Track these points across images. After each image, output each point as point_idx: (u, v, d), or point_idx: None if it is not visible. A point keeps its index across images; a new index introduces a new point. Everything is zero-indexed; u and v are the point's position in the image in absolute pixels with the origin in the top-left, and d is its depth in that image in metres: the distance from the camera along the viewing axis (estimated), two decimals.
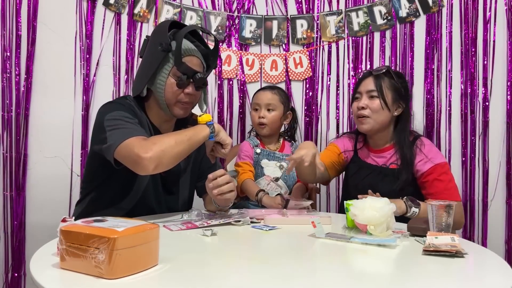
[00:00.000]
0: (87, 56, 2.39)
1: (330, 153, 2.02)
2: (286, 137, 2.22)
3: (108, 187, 1.68)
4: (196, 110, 1.82)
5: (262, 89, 2.19)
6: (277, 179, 2.04)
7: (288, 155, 2.09)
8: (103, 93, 2.38)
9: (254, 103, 2.16)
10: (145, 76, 1.68)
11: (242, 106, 2.51)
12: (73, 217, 1.21)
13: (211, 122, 1.62)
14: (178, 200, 1.82)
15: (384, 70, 1.91)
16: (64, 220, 1.20)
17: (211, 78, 2.48)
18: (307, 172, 1.83)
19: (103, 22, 2.41)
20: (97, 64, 2.41)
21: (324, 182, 2.20)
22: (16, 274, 2.35)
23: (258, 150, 2.11)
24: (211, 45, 1.77)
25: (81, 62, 2.39)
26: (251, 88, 2.49)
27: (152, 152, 1.47)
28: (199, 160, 1.87)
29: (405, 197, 1.68)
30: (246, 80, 2.50)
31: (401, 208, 1.65)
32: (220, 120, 2.49)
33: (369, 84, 1.90)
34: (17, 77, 2.34)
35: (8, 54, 2.32)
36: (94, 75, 2.41)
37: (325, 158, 1.99)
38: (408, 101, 1.96)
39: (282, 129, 2.24)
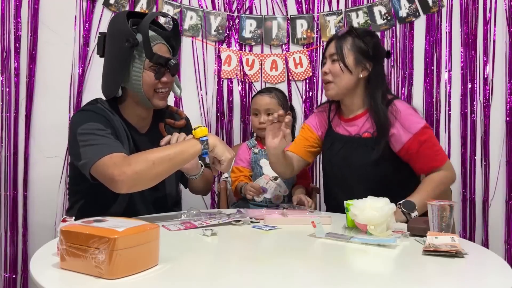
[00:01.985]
0: (87, 56, 2.40)
1: (300, 139, 1.98)
2: None
3: (95, 193, 1.63)
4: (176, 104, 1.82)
5: (259, 93, 2.18)
6: (276, 178, 2.04)
7: None
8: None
9: (253, 108, 2.15)
10: (117, 75, 1.65)
11: (242, 106, 2.51)
12: (73, 217, 1.21)
13: (205, 137, 1.54)
14: (166, 196, 1.80)
15: (346, 31, 1.83)
16: (64, 220, 1.20)
17: (211, 78, 2.49)
18: (279, 171, 1.87)
19: (102, 22, 2.41)
20: (97, 64, 2.41)
21: (306, 167, 2.14)
22: (14, 275, 2.35)
23: (256, 150, 2.12)
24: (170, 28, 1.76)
25: (80, 62, 2.39)
26: (251, 88, 2.49)
27: (126, 176, 1.44)
28: None
29: (399, 204, 1.62)
30: (246, 80, 2.50)
31: (400, 218, 1.60)
32: (220, 120, 2.49)
33: (331, 47, 1.83)
34: (17, 77, 2.34)
35: (8, 54, 2.32)
36: (95, 75, 2.41)
37: (296, 147, 1.95)
38: (379, 61, 1.84)
39: None
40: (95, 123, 1.57)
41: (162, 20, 2.26)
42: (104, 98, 1.72)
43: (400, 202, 1.65)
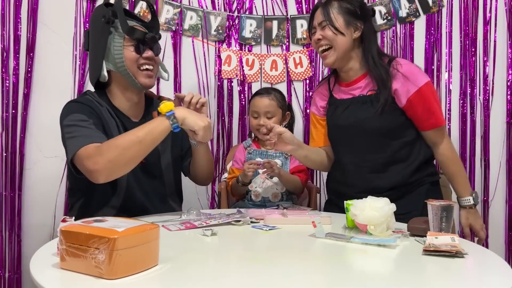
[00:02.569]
0: (87, 55, 2.39)
1: (315, 130, 1.98)
2: None
3: (93, 189, 1.65)
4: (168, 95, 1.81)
5: (258, 94, 2.16)
6: (271, 176, 2.04)
7: (282, 152, 2.10)
8: None
9: (253, 111, 2.14)
10: (99, 54, 1.67)
11: (242, 106, 2.51)
12: (73, 217, 1.21)
13: (172, 111, 1.52)
14: (164, 184, 1.80)
15: None
16: (64, 220, 1.20)
17: (211, 78, 2.49)
18: (321, 169, 1.89)
19: None
20: None
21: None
22: (11, 274, 2.35)
23: (251, 150, 2.13)
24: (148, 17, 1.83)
25: (80, 61, 2.39)
26: (251, 88, 2.49)
27: (99, 165, 1.46)
28: (179, 139, 1.85)
29: (472, 203, 1.78)
30: (246, 80, 2.50)
31: (478, 217, 1.80)
32: (221, 121, 2.49)
33: (318, 15, 1.82)
34: (16, 76, 2.33)
35: (7, 53, 2.32)
36: None
37: (316, 140, 1.97)
38: (368, 18, 1.84)
39: None
40: (78, 114, 1.60)
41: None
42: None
43: (472, 202, 1.79)
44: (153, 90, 2.35)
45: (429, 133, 1.80)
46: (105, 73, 1.68)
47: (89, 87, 2.39)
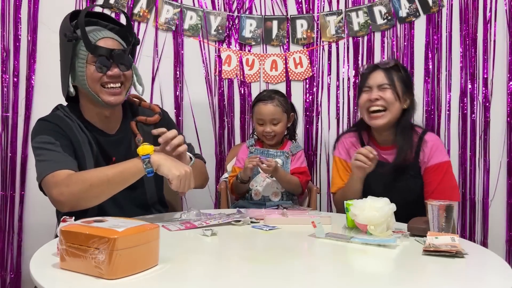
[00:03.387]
0: None
1: (341, 173, 1.98)
2: (287, 135, 2.22)
3: None
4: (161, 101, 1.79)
5: (262, 101, 2.11)
6: (272, 176, 2.04)
7: (283, 152, 2.10)
8: None
9: (258, 118, 2.11)
10: (64, 72, 1.62)
11: (242, 106, 2.50)
12: (73, 217, 1.21)
13: (148, 155, 1.45)
14: (146, 194, 1.74)
15: (392, 64, 1.88)
16: (64, 220, 1.20)
17: (211, 78, 2.49)
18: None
19: None
20: None
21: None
22: (11, 274, 2.35)
23: (252, 150, 2.13)
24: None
25: None
26: (251, 88, 2.49)
27: (64, 197, 1.45)
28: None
29: None
30: (246, 80, 2.50)
31: None
32: (221, 121, 2.49)
33: (378, 76, 1.86)
34: (17, 77, 2.33)
35: (8, 54, 2.32)
36: None
37: (343, 181, 1.96)
38: (413, 93, 1.94)
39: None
40: (46, 136, 1.56)
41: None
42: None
43: None
44: (147, 94, 2.36)
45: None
46: (71, 90, 1.63)
47: None
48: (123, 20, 1.85)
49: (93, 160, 1.62)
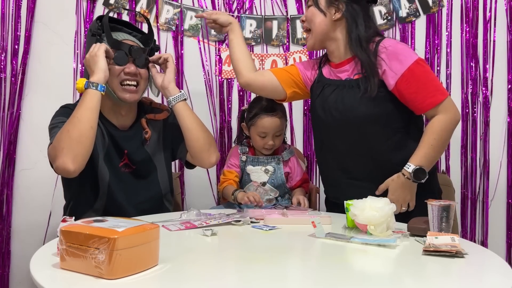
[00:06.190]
0: None
1: (287, 71, 1.89)
2: None
3: (80, 192, 1.70)
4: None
5: (265, 113, 1.99)
6: (264, 184, 2.03)
7: (273, 157, 2.06)
8: None
9: (260, 131, 2.00)
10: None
11: (242, 107, 2.50)
12: (73, 217, 1.22)
13: (86, 81, 1.59)
14: (159, 184, 1.81)
15: None
16: (64, 220, 1.20)
17: (211, 78, 2.48)
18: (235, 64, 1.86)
19: None
20: None
21: (279, 100, 1.95)
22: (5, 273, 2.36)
23: (244, 158, 2.07)
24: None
25: (80, 62, 2.39)
26: None
27: (61, 157, 1.50)
28: (169, 141, 1.86)
29: (409, 174, 1.60)
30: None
31: (413, 188, 1.62)
32: (221, 121, 2.49)
33: None
34: (14, 77, 2.33)
35: (6, 53, 2.32)
36: None
37: (280, 72, 1.88)
38: (355, 1, 1.73)
39: None
40: (61, 117, 1.64)
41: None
42: None
43: (409, 171, 1.60)
44: (146, 93, 2.35)
45: (429, 112, 1.67)
46: None
47: None
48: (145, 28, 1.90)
49: (103, 151, 1.70)
